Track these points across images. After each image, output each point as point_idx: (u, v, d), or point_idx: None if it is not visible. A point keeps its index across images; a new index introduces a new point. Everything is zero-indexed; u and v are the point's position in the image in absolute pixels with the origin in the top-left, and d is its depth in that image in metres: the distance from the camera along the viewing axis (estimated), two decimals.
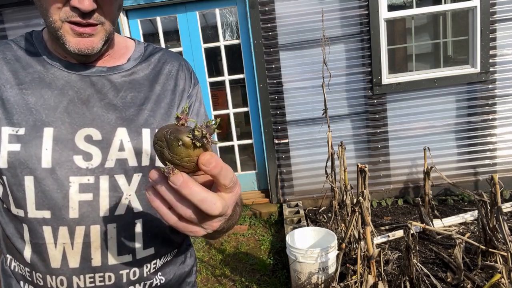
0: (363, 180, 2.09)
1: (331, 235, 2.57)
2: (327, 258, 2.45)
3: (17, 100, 0.73)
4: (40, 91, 0.74)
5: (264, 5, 3.68)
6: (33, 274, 0.76)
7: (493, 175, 2.29)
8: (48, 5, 0.71)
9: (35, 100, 0.74)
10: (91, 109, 0.76)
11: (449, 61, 4.44)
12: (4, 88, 0.74)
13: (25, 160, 0.71)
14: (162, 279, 0.84)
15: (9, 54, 0.77)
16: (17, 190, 0.73)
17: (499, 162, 3.91)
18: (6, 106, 0.73)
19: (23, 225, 0.74)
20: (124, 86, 0.80)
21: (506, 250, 2.12)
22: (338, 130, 3.87)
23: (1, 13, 3.85)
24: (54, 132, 0.73)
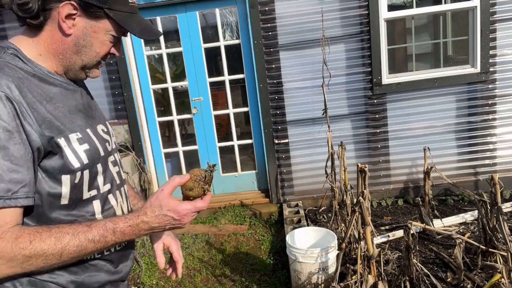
0: (363, 180, 2.09)
1: (331, 235, 2.57)
2: (327, 258, 2.45)
3: (57, 113, 0.91)
4: (65, 102, 0.96)
5: (264, 5, 3.69)
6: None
7: (493, 175, 2.29)
8: (101, 51, 0.99)
9: (67, 109, 0.95)
10: (92, 112, 1.07)
11: (449, 61, 4.45)
12: (46, 106, 0.89)
13: (94, 153, 0.97)
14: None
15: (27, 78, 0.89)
16: (92, 177, 0.96)
17: (499, 162, 3.91)
18: (57, 119, 0.90)
19: (91, 205, 0.97)
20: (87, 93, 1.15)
21: (506, 250, 2.12)
22: (338, 130, 3.87)
23: (1, 13, 3.85)
24: (91, 130, 0.99)
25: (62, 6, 0.88)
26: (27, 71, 0.90)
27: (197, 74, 4.08)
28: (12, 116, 0.80)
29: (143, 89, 4.13)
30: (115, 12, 0.93)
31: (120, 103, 4.00)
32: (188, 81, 4.11)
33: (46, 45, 0.93)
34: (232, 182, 4.32)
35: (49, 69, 0.95)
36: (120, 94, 3.97)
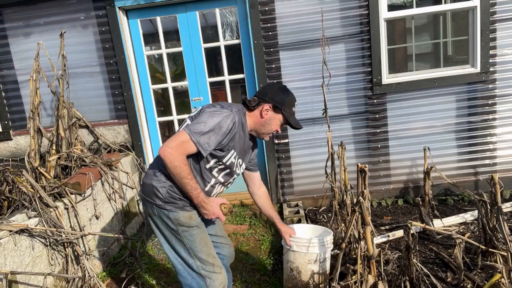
0: (363, 180, 2.09)
1: (328, 232, 2.54)
2: (322, 250, 2.39)
3: (237, 143, 1.94)
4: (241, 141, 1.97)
5: (264, 5, 3.69)
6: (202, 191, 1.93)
7: (493, 175, 2.29)
8: (273, 128, 2.01)
9: (240, 145, 1.97)
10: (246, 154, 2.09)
11: (449, 61, 4.44)
12: (236, 137, 1.91)
13: (232, 165, 1.99)
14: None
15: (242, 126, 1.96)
16: (223, 171, 2.00)
17: (499, 162, 3.91)
18: (235, 143, 1.93)
19: (212, 179, 1.98)
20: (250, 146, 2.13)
21: (506, 250, 2.12)
22: (338, 130, 3.87)
23: (1, 13, 3.85)
24: (238, 158, 2.01)
25: (265, 105, 1.96)
26: (243, 119, 1.96)
27: (197, 74, 4.08)
28: (230, 128, 1.86)
29: (143, 89, 4.13)
30: (286, 112, 1.95)
31: (120, 103, 4.00)
32: (188, 81, 4.11)
33: (252, 117, 1.99)
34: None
35: (249, 126, 2.00)
36: (120, 94, 3.97)
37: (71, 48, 3.80)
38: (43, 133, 3.45)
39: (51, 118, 4.03)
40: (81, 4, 3.81)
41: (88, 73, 3.95)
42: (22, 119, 4.06)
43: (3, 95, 4.03)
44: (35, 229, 2.41)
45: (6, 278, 2.08)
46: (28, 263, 2.36)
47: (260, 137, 2.03)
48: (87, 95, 4.00)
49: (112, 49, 3.87)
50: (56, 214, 2.61)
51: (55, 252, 2.59)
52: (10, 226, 2.27)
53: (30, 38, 3.88)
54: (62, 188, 2.84)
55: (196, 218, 1.97)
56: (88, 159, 3.39)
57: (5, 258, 2.17)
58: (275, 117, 1.95)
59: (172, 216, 1.92)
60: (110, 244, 3.29)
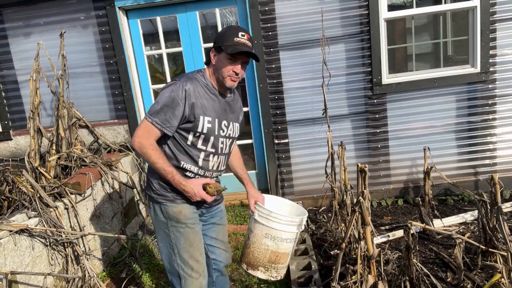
0: (363, 180, 2.09)
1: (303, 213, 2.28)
2: (286, 228, 2.11)
3: (207, 106, 1.87)
4: (212, 102, 1.90)
5: (264, 5, 3.68)
6: (199, 170, 1.93)
7: (493, 175, 2.28)
8: (226, 70, 1.84)
9: (212, 106, 1.89)
10: (227, 114, 1.97)
11: (449, 61, 4.44)
12: (202, 100, 1.86)
13: (212, 130, 1.89)
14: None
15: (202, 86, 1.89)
16: (206, 140, 1.90)
17: (499, 162, 3.91)
18: (204, 107, 1.86)
19: (201, 152, 1.91)
20: (232, 105, 2.03)
21: (506, 250, 2.12)
22: (338, 130, 3.87)
23: (1, 13, 3.85)
24: (218, 121, 1.91)
25: (211, 52, 1.91)
26: (202, 82, 1.89)
27: None
28: (183, 96, 1.79)
29: (143, 89, 4.13)
30: (225, 46, 1.80)
31: (120, 103, 4.00)
32: None
33: (210, 70, 1.93)
34: (232, 182, 4.28)
35: (213, 84, 1.92)
36: (120, 94, 3.97)
37: (71, 48, 3.80)
38: (43, 133, 3.45)
39: (51, 118, 4.03)
40: (81, 4, 3.81)
41: (88, 73, 3.95)
42: (22, 119, 4.06)
43: (3, 95, 4.03)
44: (35, 229, 2.41)
45: (6, 278, 2.08)
46: (28, 263, 2.36)
47: (224, 84, 1.88)
48: (87, 95, 4.00)
49: (112, 49, 3.87)
50: (56, 214, 2.61)
51: (55, 252, 2.59)
52: (10, 226, 2.27)
53: (30, 38, 3.88)
54: (62, 188, 2.84)
55: (188, 215, 1.93)
56: (88, 159, 3.39)
57: (5, 258, 2.17)
58: (221, 57, 1.83)
59: (163, 209, 1.93)
60: (110, 244, 3.29)
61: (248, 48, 1.80)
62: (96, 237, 3.10)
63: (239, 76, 1.86)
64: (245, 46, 1.79)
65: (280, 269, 2.23)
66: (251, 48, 1.83)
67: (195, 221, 1.98)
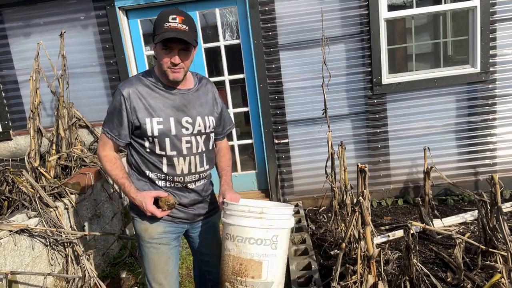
0: (363, 180, 2.09)
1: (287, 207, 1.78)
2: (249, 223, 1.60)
3: (154, 105, 1.69)
4: (162, 100, 1.70)
5: (264, 5, 3.68)
6: (167, 177, 1.75)
7: (493, 175, 2.28)
8: (163, 62, 1.63)
9: (162, 105, 1.70)
10: (186, 109, 1.75)
11: (449, 61, 4.44)
12: (148, 100, 1.68)
13: (165, 131, 1.69)
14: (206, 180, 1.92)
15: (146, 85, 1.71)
16: (162, 143, 1.70)
17: (499, 162, 3.91)
18: (152, 108, 1.68)
19: (163, 158, 1.73)
20: (195, 98, 1.79)
21: (506, 250, 2.12)
22: (338, 130, 3.87)
23: (1, 13, 3.85)
24: (173, 119, 1.71)
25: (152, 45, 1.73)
26: (147, 82, 1.72)
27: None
28: (122, 101, 1.66)
29: None
30: (156, 36, 1.60)
31: None
32: None
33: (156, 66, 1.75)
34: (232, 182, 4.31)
35: (163, 80, 1.71)
36: None
37: (71, 48, 3.80)
38: (43, 133, 3.45)
39: (51, 118, 4.03)
40: (81, 4, 3.81)
41: (88, 73, 3.95)
42: (22, 119, 4.06)
43: (3, 95, 4.03)
44: (35, 229, 2.41)
45: (6, 278, 2.08)
46: (28, 263, 2.36)
47: (167, 77, 1.67)
48: (87, 95, 4.00)
49: (112, 49, 3.87)
50: (56, 214, 2.61)
51: (55, 252, 2.59)
52: (10, 226, 2.27)
53: (30, 38, 3.88)
54: (62, 188, 2.84)
55: (153, 233, 1.78)
56: (88, 159, 3.38)
57: (5, 258, 2.17)
58: (157, 48, 1.63)
59: (134, 223, 1.85)
60: (110, 244, 3.29)
61: (177, 33, 1.55)
62: (96, 237, 3.10)
63: (180, 66, 1.64)
64: (175, 31, 1.56)
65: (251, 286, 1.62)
66: (183, 32, 1.57)
67: (162, 241, 1.80)
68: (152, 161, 1.73)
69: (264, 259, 1.60)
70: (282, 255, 1.64)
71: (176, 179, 1.76)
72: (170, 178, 1.75)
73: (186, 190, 1.81)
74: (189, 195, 1.82)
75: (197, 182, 1.83)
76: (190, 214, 1.86)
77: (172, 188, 1.78)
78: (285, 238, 1.66)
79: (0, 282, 2.07)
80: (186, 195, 1.81)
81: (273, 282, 1.63)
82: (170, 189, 1.78)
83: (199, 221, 1.92)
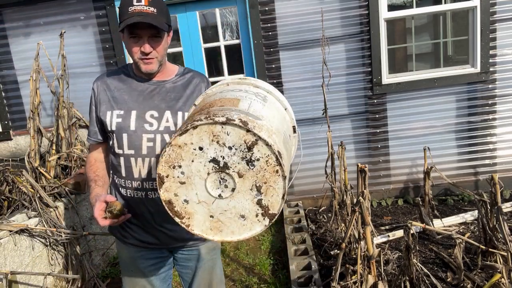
0: (363, 180, 2.09)
1: None
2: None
3: (118, 97, 1.49)
4: (129, 93, 1.50)
5: (264, 5, 3.68)
6: (125, 181, 1.49)
7: (493, 175, 2.28)
8: (133, 53, 1.41)
9: (126, 97, 1.49)
10: (153, 101, 1.48)
11: (449, 61, 4.44)
12: (113, 92, 1.51)
13: (123, 126, 1.45)
14: None
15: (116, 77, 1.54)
16: (119, 140, 1.46)
17: (499, 162, 3.91)
18: (115, 100, 1.49)
19: (120, 157, 1.47)
20: (170, 90, 1.51)
21: (506, 250, 2.12)
22: (338, 130, 3.87)
23: (1, 13, 3.85)
24: (136, 113, 1.46)
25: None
26: (120, 73, 1.54)
27: None
28: (92, 95, 1.55)
29: None
30: (121, 24, 1.37)
31: None
32: None
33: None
34: None
35: (135, 72, 1.51)
36: None
37: (71, 48, 3.80)
38: (43, 133, 3.45)
39: (51, 118, 4.03)
40: (81, 4, 3.81)
41: (88, 73, 3.95)
42: (22, 119, 4.06)
43: (3, 95, 4.03)
44: (35, 229, 2.41)
45: (6, 278, 2.08)
46: (28, 263, 2.36)
47: (139, 69, 1.45)
48: (87, 95, 3.95)
49: (112, 49, 3.87)
50: (56, 214, 2.61)
51: (55, 252, 2.59)
52: (10, 226, 2.27)
53: (30, 38, 3.88)
54: (62, 188, 2.84)
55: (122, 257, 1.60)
56: None
57: (5, 258, 2.17)
58: (125, 37, 1.41)
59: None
60: (110, 244, 3.29)
61: (143, 17, 1.32)
62: (96, 237, 3.09)
63: (152, 56, 1.41)
64: (141, 14, 1.33)
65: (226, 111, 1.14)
66: (151, 16, 1.34)
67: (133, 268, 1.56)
68: (114, 162, 1.51)
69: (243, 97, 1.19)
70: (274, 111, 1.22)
71: (134, 185, 1.46)
72: (128, 184, 1.47)
73: (147, 200, 1.47)
74: (151, 207, 1.47)
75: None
76: (160, 235, 1.51)
77: (133, 197, 1.48)
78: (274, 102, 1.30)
79: (0, 282, 2.07)
80: (147, 207, 1.47)
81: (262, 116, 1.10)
82: (130, 199, 1.48)
83: (182, 248, 1.57)
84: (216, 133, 1.01)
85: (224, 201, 1.08)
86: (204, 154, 1.04)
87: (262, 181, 1.04)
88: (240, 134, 1.00)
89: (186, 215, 1.11)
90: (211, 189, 1.07)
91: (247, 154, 1.02)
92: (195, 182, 1.07)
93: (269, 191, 1.04)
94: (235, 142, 1.01)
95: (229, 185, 1.06)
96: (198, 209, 1.10)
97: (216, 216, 1.10)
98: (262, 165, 1.02)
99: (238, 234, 1.10)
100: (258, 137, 0.99)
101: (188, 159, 1.05)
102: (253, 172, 1.03)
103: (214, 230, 1.12)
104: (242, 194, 1.06)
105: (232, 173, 1.04)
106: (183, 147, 1.05)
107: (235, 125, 0.99)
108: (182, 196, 1.09)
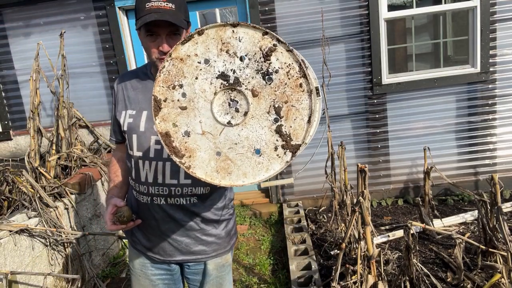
0: (363, 180, 2.09)
1: None
2: None
3: (133, 96, 1.43)
4: (144, 92, 1.42)
5: (264, 5, 3.68)
6: (135, 184, 1.42)
7: (493, 175, 2.28)
8: (151, 52, 1.33)
9: (139, 97, 1.42)
10: None
11: (449, 61, 4.44)
12: (129, 92, 1.45)
13: (133, 126, 1.39)
14: (195, 200, 1.40)
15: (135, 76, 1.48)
16: (130, 141, 1.41)
17: (499, 162, 3.91)
18: (129, 99, 1.44)
19: (132, 159, 1.42)
20: None
21: (506, 250, 2.12)
22: (338, 130, 3.87)
23: (1, 13, 3.85)
24: (147, 113, 1.39)
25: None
26: (138, 73, 1.47)
27: None
28: (113, 95, 1.50)
29: None
30: (137, 22, 1.32)
31: None
32: None
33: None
34: None
35: (152, 71, 1.43)
36: None
37: (71, 48, 3.80)
38: (43, 133, 3.45)
39: (51, 118, 4.03)
40: (81, 4, 3.81)
41: (88, 73, 3.95)
42: (22, 119, 4.06)
43: (3, 95, 4.03)
44: (35, 229, 2.41)
45: (6, 278, 2.08)
46: (28, 263, 2.36)
47: (155, 66, 1.37)
48: (87, 95, 4.00)
49: (112, 49, 3.87)
50: (56, 214, 2.61)
51: (55, 252, 2.59)
52: (10, 226, 2.27)
53: (30, 38, 3.88)
54: (62, 188, 2.84)
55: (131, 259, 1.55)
56: (88, 159, 3.39)
57: (5, 258, 2.17)
58: (141, 36, 1.36)
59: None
60: (110, 244, 3.29)
61: (161, 15, 1.24)
62: (96, 237, 3.10)
63: None
64: (159, 11, 1.25)
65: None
66: (169, 12, 1.26)
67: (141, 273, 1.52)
68: (128, 163, 1.47)
69: None
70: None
71: (141, 189, 1.40)
72: (137, 187, 1.42)
73: (153, 206, 1.40)
74: (157, 214, 1.40)
75: (169, 199, 1.37)
76: (165, 245, 1.44)
77: (140, 201, 1.43)
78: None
79: (0, 282, 2.07)
80: (153, 213, 1.41)
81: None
82: (140, 203, 1.44)
83: (188, 262, 1.47)
84: (225, 39, 0.83)
85: (234, 131, 0.88)
86: (210, 68, 0.86)
87: (282, 100, 0.83)
88: (255, 39, 0.83)
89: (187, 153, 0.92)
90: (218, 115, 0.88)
91: (263, 65, 0.82)
92: (199, 106, 0.88)
93: (291, 114, 0.83)
94: (249, 50, 0.83)
95: (241, 108, 0.86)
96: (202, 143, 0.91)
97: (224, 153, 0.90)
98: (281, 78, 0.81)
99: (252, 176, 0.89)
100: (277, 40, 0.82)
101: (191, 76, 0.88)
102: (271, 88, 0.83)
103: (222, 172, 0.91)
104: (257, 119, 0.85)
105: (244, 90, 0.85)
106: (185, 60, 0.87)
107: (248, 26, 0.82)
108: (182, 127, 0.92)
